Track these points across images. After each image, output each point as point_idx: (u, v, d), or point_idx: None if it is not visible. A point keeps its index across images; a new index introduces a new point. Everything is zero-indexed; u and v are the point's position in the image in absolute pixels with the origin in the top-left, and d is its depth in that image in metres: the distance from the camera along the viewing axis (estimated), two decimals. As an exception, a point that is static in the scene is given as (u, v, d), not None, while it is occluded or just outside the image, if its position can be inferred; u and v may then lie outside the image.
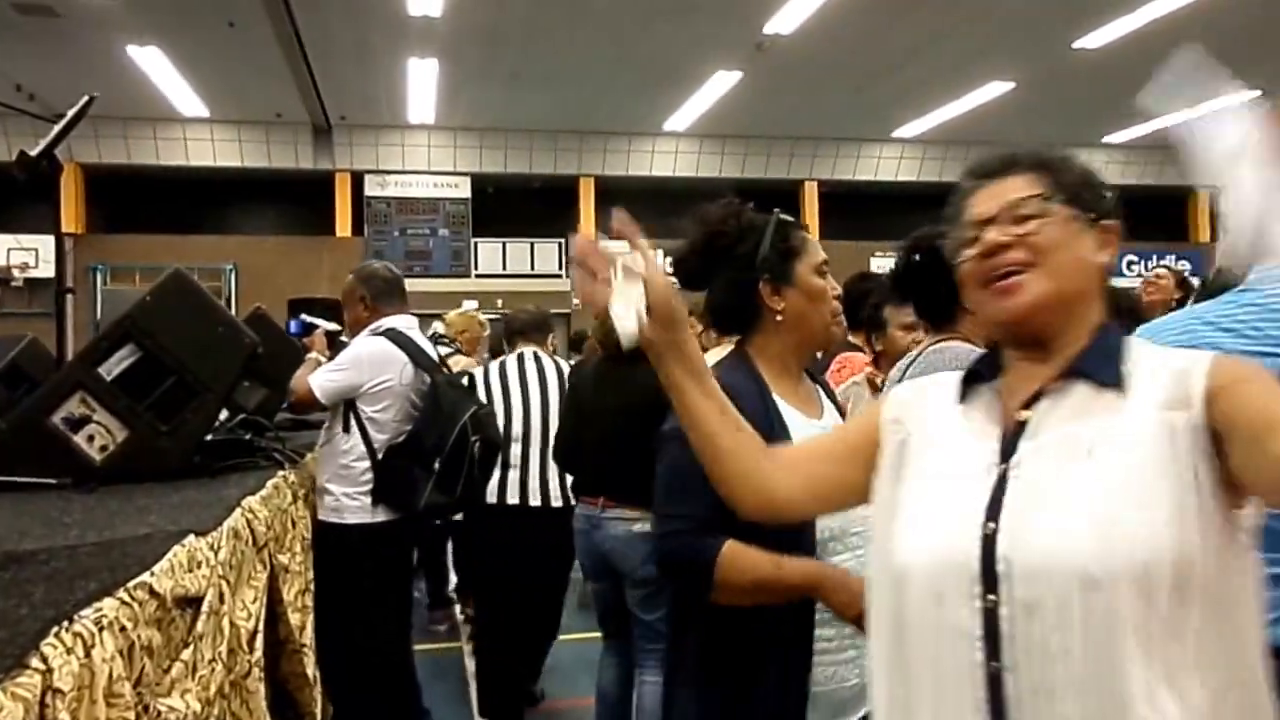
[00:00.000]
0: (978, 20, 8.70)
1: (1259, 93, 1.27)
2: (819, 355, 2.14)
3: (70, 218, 11.82)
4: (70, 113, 2.25)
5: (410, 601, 2.98)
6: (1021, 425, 0.89)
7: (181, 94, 10.62)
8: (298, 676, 1.71)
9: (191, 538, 1.23)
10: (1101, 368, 0.87)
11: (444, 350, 4.72)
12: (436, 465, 2.63)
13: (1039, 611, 0.80)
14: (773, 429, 1.30)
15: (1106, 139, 13.54)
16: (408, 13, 8.25)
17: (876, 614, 0.94)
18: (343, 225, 12.88)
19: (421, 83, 10.47)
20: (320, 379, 2.64)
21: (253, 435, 2.39)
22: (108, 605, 0.91)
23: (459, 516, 3.39)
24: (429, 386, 2.71)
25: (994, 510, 0.85)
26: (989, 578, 0.83)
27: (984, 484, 0.87)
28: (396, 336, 2.73)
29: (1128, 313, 2.48)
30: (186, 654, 1.09)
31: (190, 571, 1.16)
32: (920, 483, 0.93)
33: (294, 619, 1.73)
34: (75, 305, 11.56)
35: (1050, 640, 0.79)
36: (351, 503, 2.61)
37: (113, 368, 1.89)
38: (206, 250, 11.94)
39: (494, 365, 3.34)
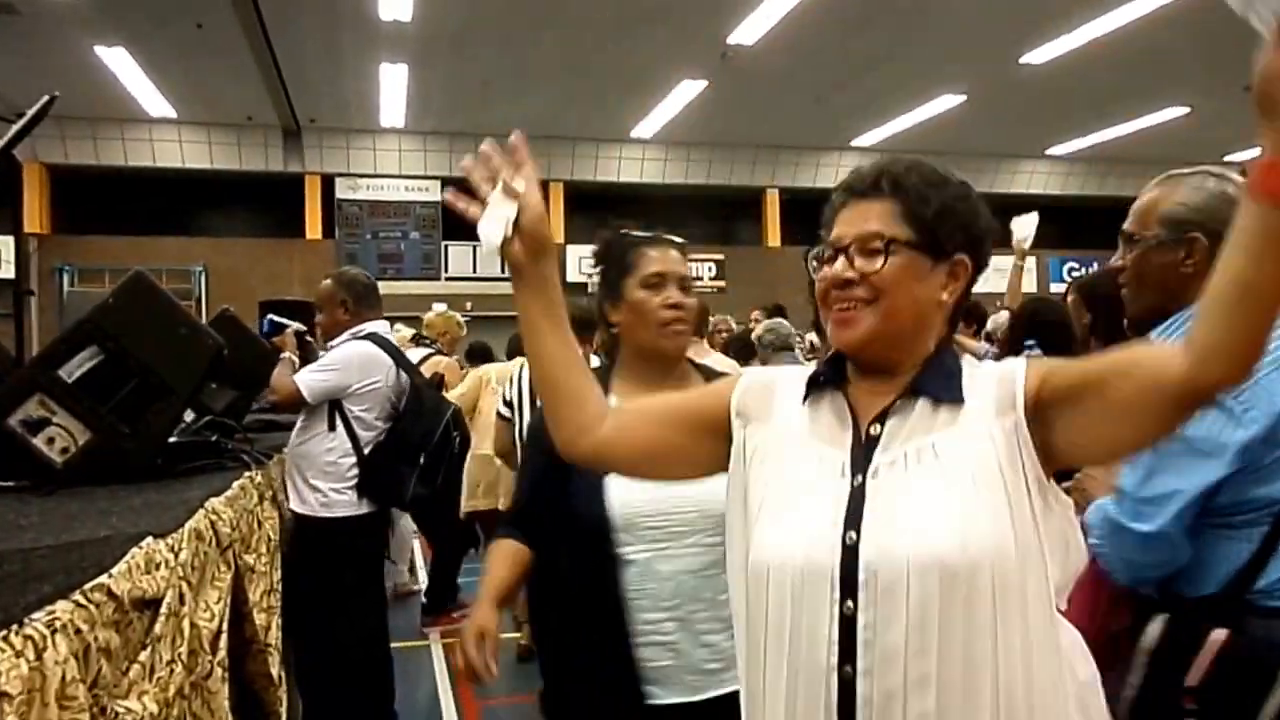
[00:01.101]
0: (930, 35, 8.91)
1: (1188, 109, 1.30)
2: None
3: (34, 218, 11.59)
4: (29, 112, 2.22)
5: (385, 596, 3.05)
6: (874, 439, 0.94)
7: (149, 95, 10.48)
8: (263, 676, 1.70)
9: (150, 539, 1.22)
10: (942, 387, 0.94)
11: (424, 350, 4.75)
12: (421, 459, 2.77)
13: (898, 615, 0.85)
14: None
15: (1050, 150, 13.88)
16: (379, 18, 8.22)
17: (739, 611, 0.98)
18: (313, 228, 12.77)
19: (392, 87, 10.43)
20: (308, 378, 2.73)
21: (219, 437, 2.38)
22: (61, 608, 0.91)
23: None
24: (410, 387, 2.85)
25: (853, 520, 0.89)
26: (849, 585, 0.87)
27: (840, 493, 0.92)
28: (380, 341, 2.86)
29: (1056, 325, 2.54)
30: (144, 655, 1.09)
31: (148, 573, 1.16)
32: (778, 485, 0.96)
33: (259, 619, 1.73)
34: (40, 306, 11.33)
35: (910, 642, 0.84)
36: (340, 497, 2.71)
37: (74, 370, 1.87)
38: (176, 252, 11.78)
39: None
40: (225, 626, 1.44)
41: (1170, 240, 1.39)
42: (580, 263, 13.08)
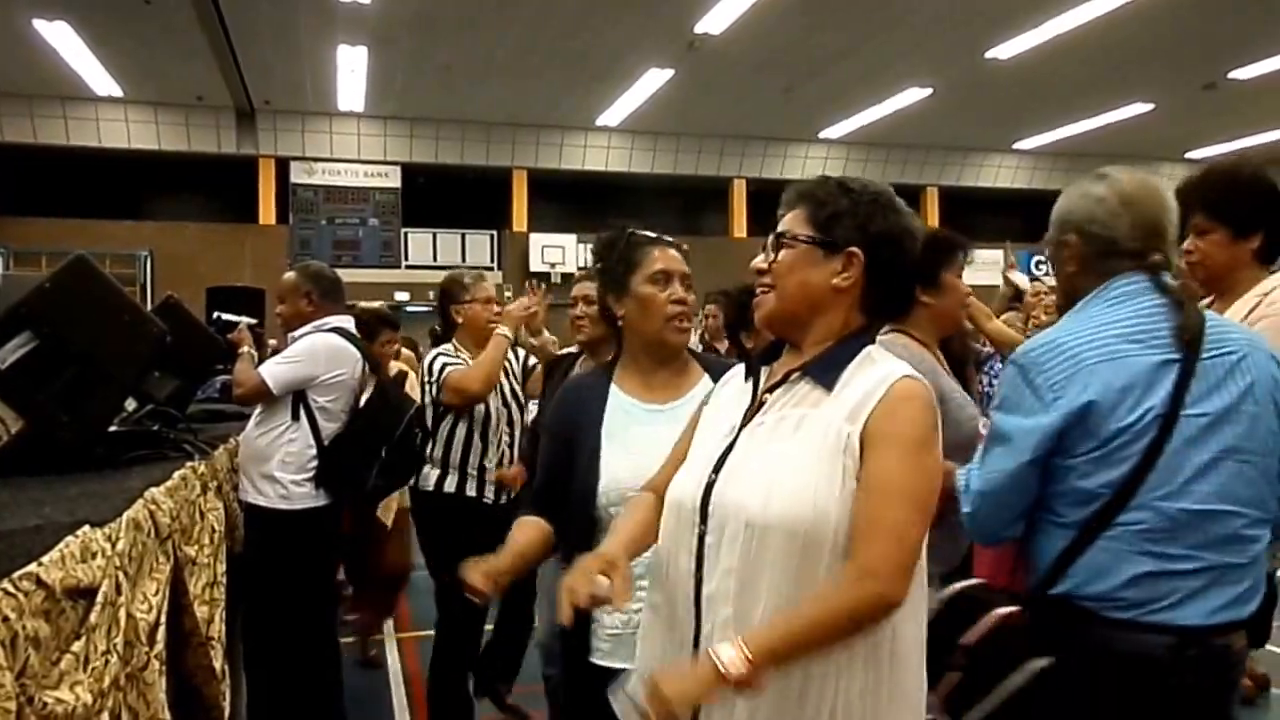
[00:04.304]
0: (897, 28, 9.02)
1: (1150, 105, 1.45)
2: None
3: (-33, 199, 11.15)
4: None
5: (335, 589, 3.05)
6: (763, 404, 1.19)
7: (94, 72, 10.13)
8: (204, 670, 1.68)
9: (86, 528, 1.20)
10: (823, 373, 1.14)
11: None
12: (383, 453, 2.79)
13: (724, 541, 1.12)
14: (583, 413, 1.59)
15: (1016, 145, 14.18)
16: (336, -3, 8.07)
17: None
18: (266, 213, 12.50)
19: (351, 70, 10.23)
20: (273, 370, 2.72)
21: (162, 426, 2.33)
22: (-12, 596, 0.89)
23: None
24: (375, 382, 2.90)
25: (719, 465, 1.17)
26: (704, 513, 1.15)
27: (723, 443, 1.19)
28: (345, 335, 2.87)
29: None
30: (78, 645, 1.07)
31: (83, 562, 1.14)
32: (695, 444, 1.26)
33: (201, 612, 1.70)
34: (-26, 292, 10.88)
35: (726, 562, 1.11)
36: (299, 490, 2.70)
37: (7, 356, 1.81)
38: (121, 236, 11.42)
39: None
40: (163, 618, 1.42)
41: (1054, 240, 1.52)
42: (544, 252, 13.02)
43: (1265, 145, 12.79)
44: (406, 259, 12.87)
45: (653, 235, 1.65)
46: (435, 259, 13.05)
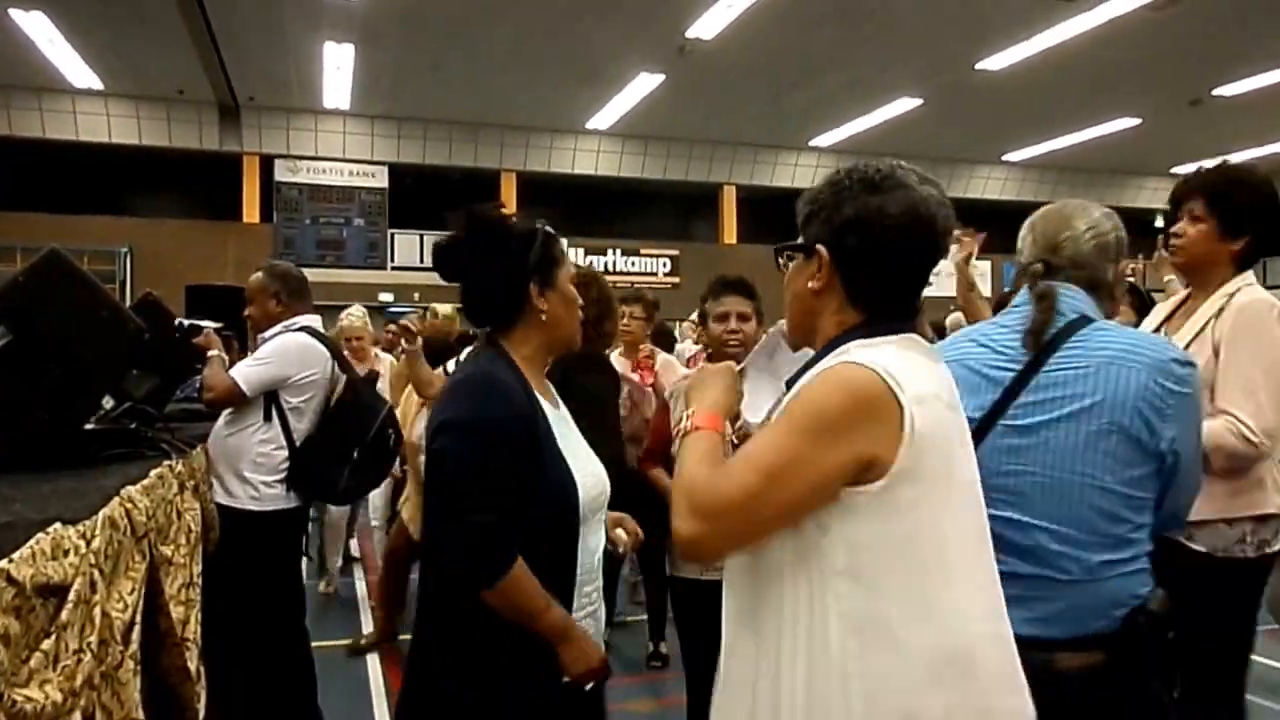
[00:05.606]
0: (888, 39, 9.09)
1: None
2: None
3: (-59, 192, 10.98)
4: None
5: (304, 591, 3.04)
6: None
7: (72, 64, 10.00)
8: (179, 670, 1.65)
9: (58, 525, 1.18)
10: (792, 383, 1.08)
11: None
12: (355, 454, 2.77)
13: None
14: (535, 416, 1.43)
15: (1005, 156, 14.32)
16: (323, -7, 8.02)
17: None
18: (250, 211, 12.39)
19: (337, 67, 10.17)
20: (245, 372, 2.70)
21: (139, 424, 2.30)
22: (-44, 593, 0.88)
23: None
24: (346, 382, 2.86)
25: None
26: None
27: None
28: (315, 334, 2.85)
29: None
30: (48, 644, 1.05)
31: (55, 559, 1.12)
32: None
33: (177, 612, 1.68)
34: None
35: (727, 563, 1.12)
36: (270, 491, 2.68)
37: (-20, 350, 1.78)
38: (99, 232, 11.28)
39: None
40: (139, 618, 1.40)
41: None
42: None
43: (1249, 161, 12.98)
44: (393, 260, 12.81)
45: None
46: (421, 260, 12.99)
